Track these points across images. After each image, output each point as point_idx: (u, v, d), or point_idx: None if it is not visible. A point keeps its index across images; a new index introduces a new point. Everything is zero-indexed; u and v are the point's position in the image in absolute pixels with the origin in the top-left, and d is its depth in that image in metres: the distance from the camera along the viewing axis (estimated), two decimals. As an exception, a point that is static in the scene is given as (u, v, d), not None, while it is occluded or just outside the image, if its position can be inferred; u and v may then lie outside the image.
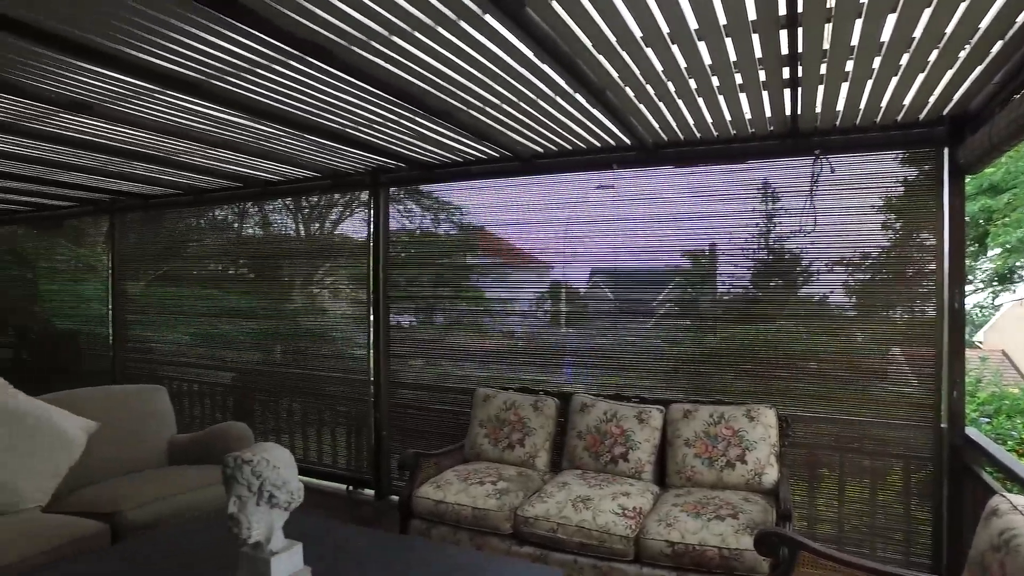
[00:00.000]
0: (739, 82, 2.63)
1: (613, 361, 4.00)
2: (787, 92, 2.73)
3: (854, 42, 2.22)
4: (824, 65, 2.42)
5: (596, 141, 3.61)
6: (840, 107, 2.92)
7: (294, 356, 5.22)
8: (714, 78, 2.58)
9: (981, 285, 14.58)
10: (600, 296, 4.16)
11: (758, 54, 2.33)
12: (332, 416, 4.99)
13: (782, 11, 2.01)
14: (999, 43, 2.17)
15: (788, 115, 3.04)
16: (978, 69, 2.41)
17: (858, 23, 2.08)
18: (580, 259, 4.12)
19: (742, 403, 3.41)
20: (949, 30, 2.10)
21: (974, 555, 1.73)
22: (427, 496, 3.28)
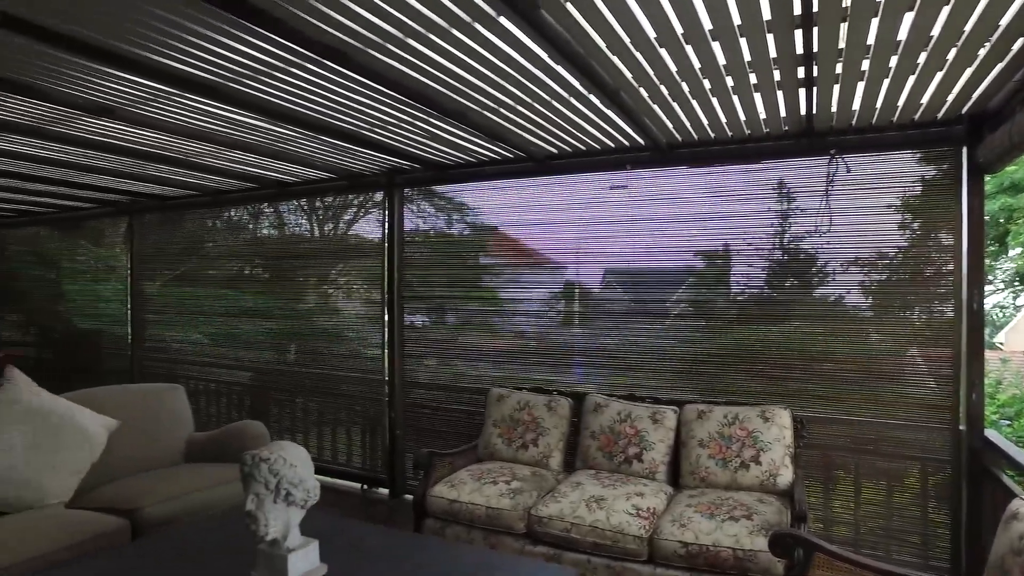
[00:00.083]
0: (754, 82, 2.62)
1: (626, 361, 4.00)
2: (802, 92, 2.72)
3: (870, 41, 2.20)
4: (840, 64, 2.40)
5: (610, 142, 3.62)
6: (856, 106, 2.90)
7: (309, 356, 5.26)
8: (728, 78, 2.58)
9: (1001, 285, 14.36)
10: (613, 296, 4.16)
11: (773, 54, 2.32)
12: (347, 415, 5.03)
13: (797, 11, 2.00)
14: (1020, 40, 2.15)
15: (803, 115, 3.02)
16: (998, 67, 2.39)
17: (874, 22, 2.06)
18: (593, 259, 4.12)
19: (756, 404, 3.40)
20: (968, 28, 2.08)
21: (994, 559, 1.72)
22: (441, 495, 3.30)
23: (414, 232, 4.74)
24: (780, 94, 2.76)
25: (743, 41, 2.22)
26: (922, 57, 2.33)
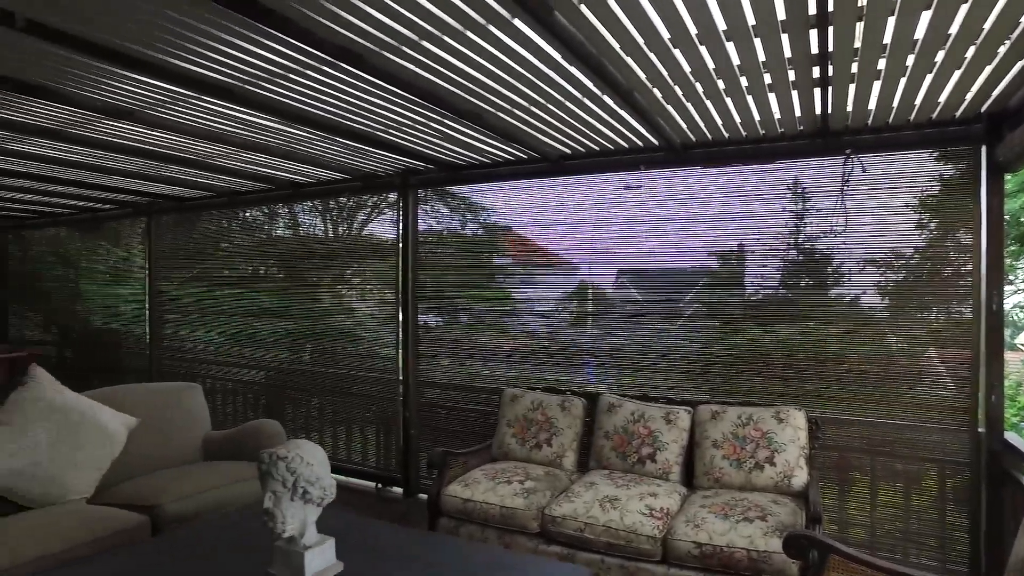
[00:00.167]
0: (768, 82, 2.61)
1: (639, 361, 3.99)
2: (817, 91, 2.70)
3: (887, 40, 2.18)
4: (855, 64, 2.39)
5: (623, 142, 3.62)
6: (872, 106, 2.88)
7: (324, 355, 5.31)
8: (743, 78, 2.57)
9: (1023, 286, 14.12)
10: (627, 296, 4.16)
11: (787, 54, 2.31)
12: (361, 415, 5.07)
13: (812, 11, 1.99)
14: (1040, 38, 2.12)
15: (818, 114, 3.00)
16: (1018, 65, 2.36)
17: (891, 21, 2.05)
18: (607, 259, 4.12)
19: (771, 405, 3.38)
20: (987, 26, 2.06)
21: (1014, 562, 1.70)
22: (455, 494, 3.31)
23: (428, 232, 4.77)
24: (795, 94, 2.75)
25: (757, 41, 2.22)
26: (940, 56, 2.30)
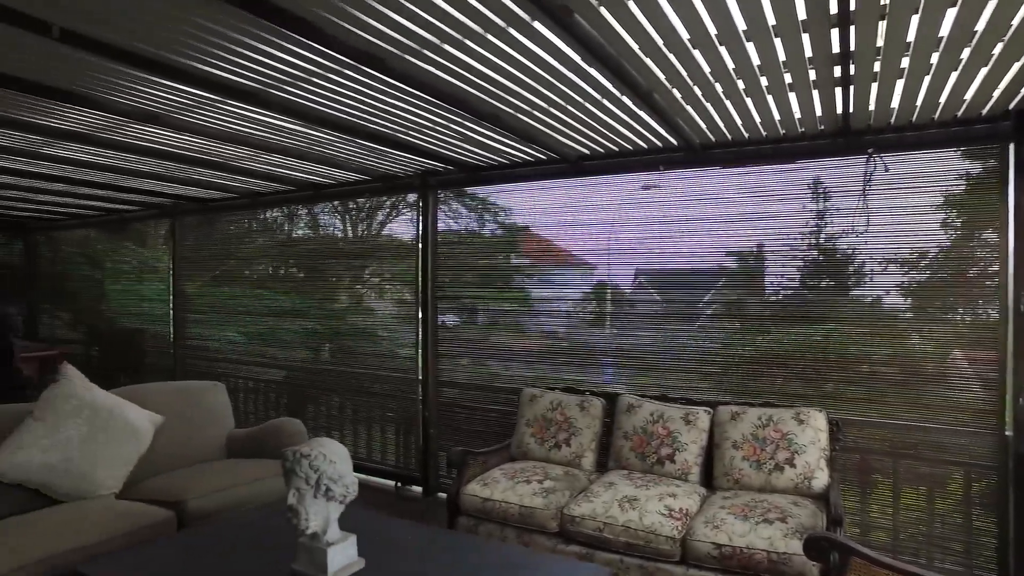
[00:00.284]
0: (788, 81, 2.59)
1: (658, 362, 3.98)
2: (838, 91, 2.68)
3: (910, 38, 2.16)
4: (878, 62, 2.37)
5: (642, 142, 3.61)
6: (895, 104, 2.84)
7: (344, 355, 5.36)
8: (763, 78, 2.56)
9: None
10: (646, 297, 4.15)
11: (808, 53, 2.30)
12: (381, 414, 5.12)
13: (833, 9, 1.98)
14: (1069, 34, 2.09)
15: (839, 114, 2.98)
16: (1047, 62, 2.32)
17: (915, 19, 2.03)
18: (625, 259, 4.11)
19: (791, 406, 3.36)
20: (1016, 22, 2.03)
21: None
22: (474, 494, 3.33)
23: (447, 232, 4.79)
24: (816, 93, 2.73)
25: (778, 41, 2.21)
26: (965, 53, 2.27)
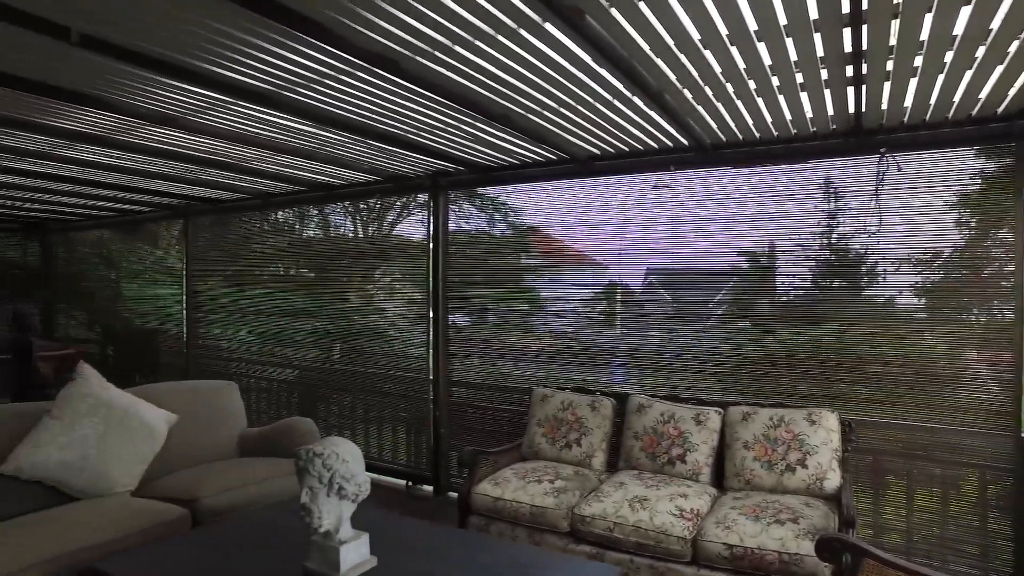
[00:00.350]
0: (800, 81, 2.58)
1: (668, 362, 3.98)
2: (851, 90, 2.66)
3: (923, 37, 2.15)
4: (891, 62, 2.35)
5: (653, 142, 3.61)
6: (908, 103, 2.82)
7: (355, 355, 5.39)
8: (774, 78, 2.55)
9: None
10: (656, 297, 4.14)
11: (820, 53, 2.29)
12: (392, 413, 5.14)
13: (845, 9, 1.97)
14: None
15: (851, 113, 2.96)
16: (1062, 60, 2.30)
17: (928, 17, 2.01)
18: (636, 260, 4.11)
19: (803, 406, 3.34)
20: (1030, 20, 2.02)
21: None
22: (485, 493, 3.35)
23: (458, 233, 4.81)
24: (827, 93, 2.71)
25: (789, 41, 2.20)
26: (980, 51, 2.25)
